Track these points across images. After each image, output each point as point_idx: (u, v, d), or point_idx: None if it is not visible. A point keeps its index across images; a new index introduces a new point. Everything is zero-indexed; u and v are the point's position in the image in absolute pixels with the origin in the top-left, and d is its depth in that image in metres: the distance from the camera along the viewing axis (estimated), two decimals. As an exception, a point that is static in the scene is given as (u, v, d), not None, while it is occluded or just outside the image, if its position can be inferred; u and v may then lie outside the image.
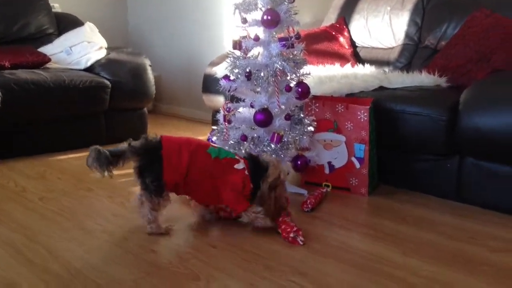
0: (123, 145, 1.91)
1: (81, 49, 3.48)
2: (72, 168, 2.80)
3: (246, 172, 1.92)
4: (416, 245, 1.89)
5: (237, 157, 1.97)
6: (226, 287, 1.54)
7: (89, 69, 3.39)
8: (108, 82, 3.29)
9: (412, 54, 3.16)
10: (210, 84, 3.32)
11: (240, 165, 1.93)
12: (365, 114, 2.35)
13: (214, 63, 3.43)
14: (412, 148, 2.44)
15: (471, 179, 2.30)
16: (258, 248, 1.83)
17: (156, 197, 1.85)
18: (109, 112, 3.37)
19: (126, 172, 2.75)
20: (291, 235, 1.86)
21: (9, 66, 3.11)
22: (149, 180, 1.84)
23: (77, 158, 3.02)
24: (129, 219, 2.08)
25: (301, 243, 1.84)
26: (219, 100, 3.29)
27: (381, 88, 2.69)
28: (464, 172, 2.31)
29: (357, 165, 2.42)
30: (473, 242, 1.92)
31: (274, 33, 2.29)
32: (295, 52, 2.32)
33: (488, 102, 2.16)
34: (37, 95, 2.98)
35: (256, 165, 1.96)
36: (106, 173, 1.85)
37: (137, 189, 1.95)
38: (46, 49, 3.51)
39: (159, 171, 1.83)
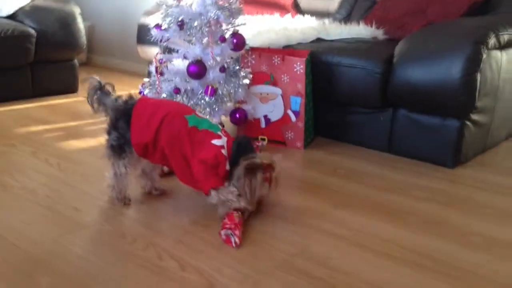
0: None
1: (3, -6, 3.21)
2: (-6, 123, 2.63)
3: (224, 151, 1.62)
4: (346, 197, 1.91)
5: (221, 133, 1.66)
6: (152, 243, 1.50)
7: (11, 17, 3.15)
8: (33, 31, 3.07)
9: (352, 6, 3.11)
10: (144, 35, 3.15)
11: (218, 141, 1.63)
12: (302, 66, 2.31)
13: (149, 12, 3.27)
14: (347, 101, 2.43)
15: (402, 131, 2.33)
16: (185, 203, 1.79)
17: (117, 158, 1.69)
18: (35, 64, 3.16)
19: (52, 127, 2.63)
20: (223, 232, 1.53)
21: None
22: (113, 137, 1.68)
23: (1, 112, 2.84)
24: (52, 176, 1.98)
25: (233, 245, 1.50)
26: (154, 51, 3.16)
27: (319, 40, 2.65)
28: (396, 125, 2.34)
29: (293, 118, 2.39)
30: (401, 193, 1.96)
31: (208, -20, 2.18)
32: (231, 0, 2.22)
33: (420, 55, 2.17)
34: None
35: (243, 149, 1.64)
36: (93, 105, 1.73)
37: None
38: (-37, -6, 3.22)
39: (125, 130, 1.66)
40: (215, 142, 1.63)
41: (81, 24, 3.32)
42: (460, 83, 2.05)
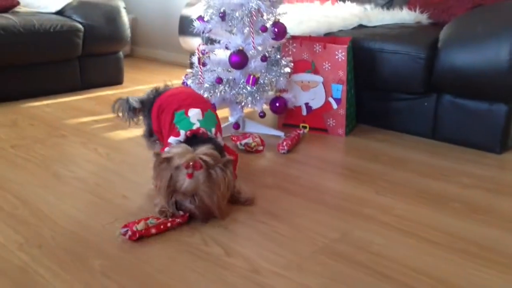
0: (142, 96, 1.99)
1: (51, -9, 3.33)
2: (45, 115, 2.74)
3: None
4: (389, 183, 1.89)
5: (186, 132, 1.63)
6: (198, 230, 1.54)
7: (60, 13, 3.26)
8: (80, 26, 3.17)
9: (394, -10, 3.06)
10: (186, 26, 3.22)
11: (172, 139, 1.65)
12: (343, 53, 2.30)
13: (190, 4, 3.32)
14: (390, 87, 2.40)
15: (447, 117, 2.28)
16: (232, 190, 1.82)
17: (149, 144, 1.94)
18: (83, 57, 3.27)
19: (100, 118, 2.72)
20: (123, 229, 1.48)
21: (-25, 10, 2.98)
22: (145, 126, 1.94)
23: (50, 105, 2.96)
24: (102, 165, 2.06)
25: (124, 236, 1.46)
26: (196, 42, 3.20)
27: (361, 26, 2.62)
28: (440, 111, 2.30)
29: (335, 105, 2.39)
30: (446, 180, 1.93)
31: (249, -30, 2.19)
32: (271, -10, 2.23)
33: (466, 38, 2.11)
34: (7, 41, 2.87)
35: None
36: (129, 121, 1.99)
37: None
38: (14, -8, 3.35)
39: (149, 118, 1.89)
40: (170, 139, 1.66)
41: (125, 18, 3.41)
42: (508, 66, 1.99)
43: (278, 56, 2.34)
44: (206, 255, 1.40)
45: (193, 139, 1.61)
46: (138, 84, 3.54)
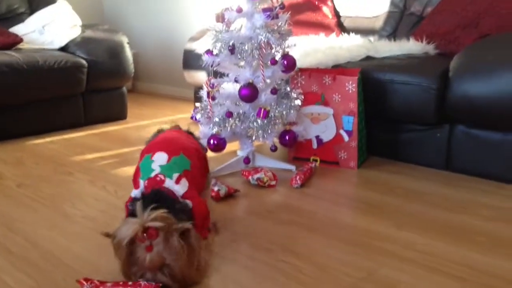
0: None
1: (55, 28, 3.33)
2: (50, 152, 2.70)
3: (132, 206, 1.45)
4: (408, 217, 1.85)
5: (145, 182, 1.49)
6: (216, 270, 1.48)
7: (63, 49, 3.26)
8: (84, 62, 3.16)
9: (398, 22, 3.07)
10: (191, 60, 3.21)
11: (133, 192, 1.53)
12: (353, 85, 2.28)
13: (194, 38, 3.32)
14: (401, 118, 2.38)
15: (461, 148, 2.25)
16: (246, 227, 1.77)
17: None
18: (87, 92, 3.25)
19: (106, 154, 2.68)
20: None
21: (-21, 48, 2.97)
22: None
23: (55, 142, 2.91)
24: (111, 203, 2.00)
25: None
26: (201, 76, 3.20)
27: (368, 57, 2.62)
28: (454, 141, 2.27)
29: (346, 138, 2.36)
30: (466, 212, 1.88)
31: (257, 3, 2.19)
32: (280, 23, 2.22)
33: (479, 68, 2.10)
34: (10, 78, 2.85)
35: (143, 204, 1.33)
36: None
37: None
38: (18, 29, 3.35)
39: None
40: (132, 193, 1.52)
41: (129, 53, 3.41)
42: (522, 95, 1.98)
43: (288, 89, 2.32)
44: (227, 298, 1.34)
45: (153, 197, 1.41)
46: (142, 120, 3.51)
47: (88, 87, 3.22)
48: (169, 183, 1.48)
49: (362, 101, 2.38)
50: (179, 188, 1.50)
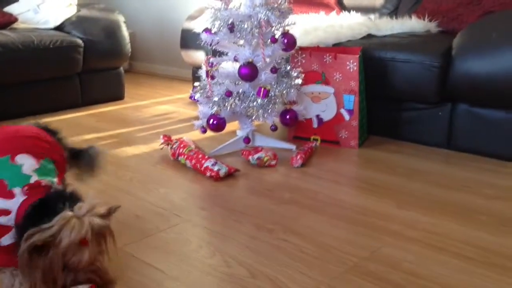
0: None
1: (50, 7, 3.26)
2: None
3: (5, 218, 1.14)
4: (410, 196, 1.83)
5: (19, 189, 1.16)
6: (219, 251, 1.47)
7: (59, 28, 3.20)
8: (80, 41, 3.11)
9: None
10: (188, 39, 3.16)
11: (2, 203, 1.15)
12: (355, 63, 2.25)
13: (192, 17, 3.27)
14: (403, 97, 2.35)
15: (463, 127, 2.23)
16: (248, 207, 1.76)
17: None
18: (83, 73, 3.20)
19: (103, 134, 2.65)
20: None
21: (-27, 27, 2.91)
22: None
23: (52, 122, 2.86)
24: (110, 183, 1.98)
25: None
26: (199, 55, 3.15)
27: (369, 36, 2.58)
28: (456, 120, 2.25)
29: (347, 117, 2.33)
30: (468, 191, 1.87)
31: (256, -20, 2.14)
32: (280, 1, 2.18)
33: (482, 45, 2.07)
34: (5, 58, 2.80)
35: (42, 213, 1.10)
36: None
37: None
38: (12, 9, 3.28)
39: None
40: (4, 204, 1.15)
41: (125, 32, 3.35)
42: (526, 73, 1.95)
43: (288, 68, 2.28)
44: (229, 277, 1.33)
45: (49, 199, 1.15)
46: (139, 100, 3.47)
47: (85, 67, 3.17)
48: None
49: (363, 80, 2.35)
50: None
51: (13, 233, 1.14)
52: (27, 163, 1.22)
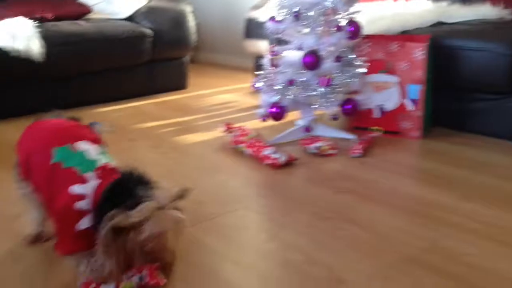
0: None
1: (121, -3, 3.40)
2: (115, 120, 2.78)
3: (82, 204, 1.17)
4: (474, 189, 1.77)
5: (92, 173, 1.20)
6: (277, 237, 1.49)
7: (129, 18, 3.32)
8: (149, 31, 3.21)
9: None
10: (252, 29, 3.20)
11: (78, 189, 1.18)
12: (422, 52, 2.19)
13: (257, 6, 3.30)
14: (472, 87, 2.26)
15: (536, 119, 2.12)
16: (306, 195, 1.77)
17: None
18: (150, 62, 3.31)
19: (167, 122, 2.74)
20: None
21: (52, 18, 3.07)
22: None
23: (119, 110, 3.01)
24: (171, 169, 2.05)
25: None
26: (262, 45, 3.17)
27: (439, 23, 2.50)
28: (528, 112, 2.14)
29: (411, 107, 2.28)
30: (540, 186, 1.79)
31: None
32: (346, -13, 2.16)
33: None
34: (80, 47, 2.95)
35: (119, 195, 1.13)
36: None
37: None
38: None
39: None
40: (74, 189, 1.18)
41: (192, 22, 3.43)
42: None
43: (352, 56, 2.25)
44: (286, 263, 1.35)
45: (123, 183, 1.18)
46: (202, 89, 3.55)
47: (153, 56, 3.28)
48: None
49: (431, 69, 2.28)
50: None
51: (90, 217, 1.17)
52: (89, 148, 1.27)
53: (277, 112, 2.23)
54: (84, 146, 1.27)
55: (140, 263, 1.15)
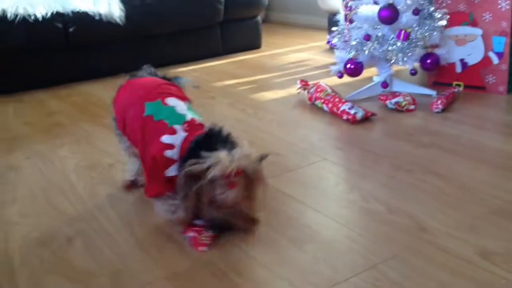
0: None
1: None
2: (193, 79, 2.88)
3: (170, 152, 1.27)
4: None
5: (180, 127, 1.30)
6: (356, 187, 1.51)
7: (203, -20, 3.37)
8: (223, -8, 3.26)
9: None
10: (326, -15, 3.14)
11: (168, 139, 1.28)
12: (508, 2, 2.08)
13: (329, -38, 3.23)
14: None
15: None
16: (386, 149, 1.77)
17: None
18: (224, 23, 3.36)
19: (243, 80, 2.79)
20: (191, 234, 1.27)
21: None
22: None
23: (196, 70, 3.10)
24: (251, 124, 2.11)
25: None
26: (335, 1, 3.13)
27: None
28: None
29: (495, 60, 2.18)
30: None
31: None
32: None
33: None
34: (154, 9, 3.04)
35: (201, 146, 1.22)
36: None
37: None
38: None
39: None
40: (164, 139, 1.28)
41: (264, -19, 3.43)
42: None
43: (432, 9, 2.18)
44: (367, 212, 1.38)
45: (208, 138, 1.26)
46: (275, 48, 3.56)
47: (225, 17, 3.32)
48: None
49: (517, 20, 2.16)
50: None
51: (177, 166, 1.26)
52: (178, 104, 1.37)
53: (353, 68, 2.22)
54: (173, 101, 1.37)
55: (211, 215, 1.24)
